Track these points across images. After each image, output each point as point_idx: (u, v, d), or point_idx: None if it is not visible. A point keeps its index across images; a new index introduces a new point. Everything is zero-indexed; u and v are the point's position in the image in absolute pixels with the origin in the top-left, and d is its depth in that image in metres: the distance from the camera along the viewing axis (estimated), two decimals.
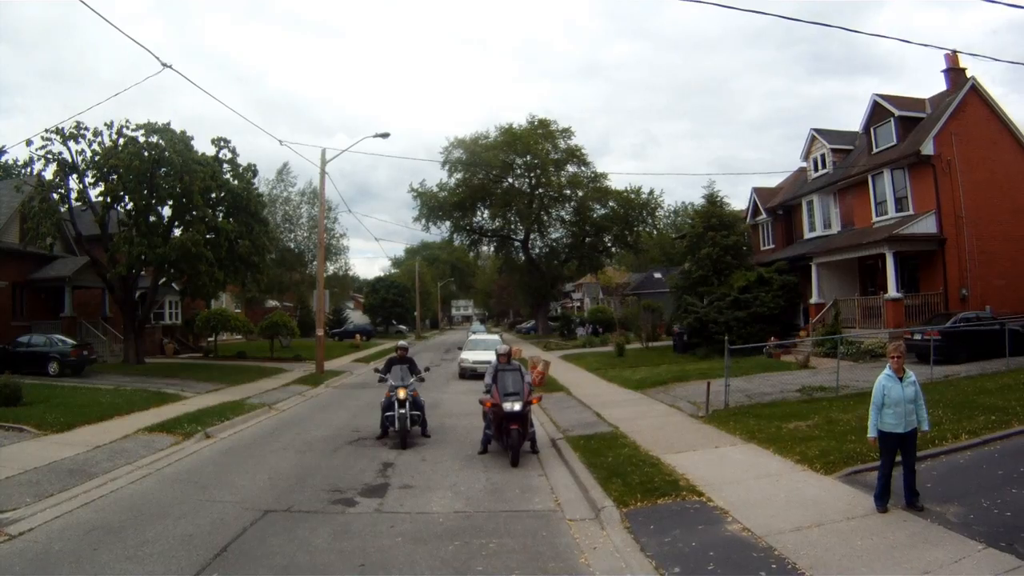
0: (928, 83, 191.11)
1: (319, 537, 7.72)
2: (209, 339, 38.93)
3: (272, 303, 57.59)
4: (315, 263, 58.76)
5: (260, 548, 7.34)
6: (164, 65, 14.40)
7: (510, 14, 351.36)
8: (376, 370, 14.81)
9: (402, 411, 12.72)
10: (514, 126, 56.55)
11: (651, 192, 56.78)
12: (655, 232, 62.23)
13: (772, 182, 44.32)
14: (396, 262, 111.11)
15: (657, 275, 63.34)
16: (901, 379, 7.83)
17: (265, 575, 6.58)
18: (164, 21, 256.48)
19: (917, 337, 21.78)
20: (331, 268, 61.66)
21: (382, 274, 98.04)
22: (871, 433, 7.99)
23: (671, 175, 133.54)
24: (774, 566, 6.37)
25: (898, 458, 7.86)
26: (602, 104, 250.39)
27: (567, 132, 56.98)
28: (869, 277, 29.20)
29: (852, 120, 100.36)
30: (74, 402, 17.50)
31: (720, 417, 13.98)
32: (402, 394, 12.85)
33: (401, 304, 75.62)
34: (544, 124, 56.67)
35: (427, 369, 15.98)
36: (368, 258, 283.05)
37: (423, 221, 59.06)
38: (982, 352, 20.40)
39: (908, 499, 7.79)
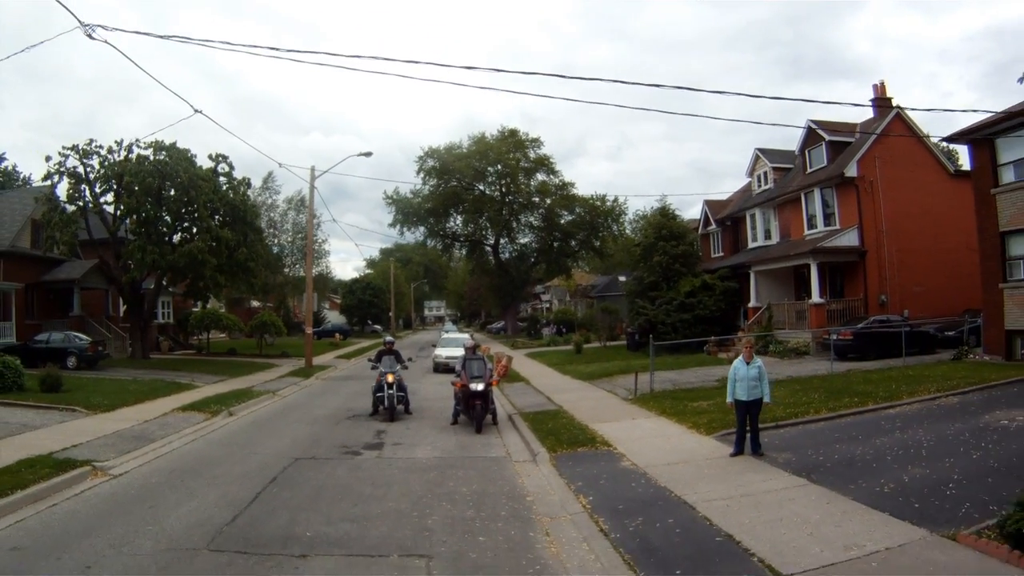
0: (902, 87, 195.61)
1: (339, 471, 11.00)
2: (201, 336, 41.82)
3: (256, 303, 60.45)
4: (296, 265, 62.00)
5: (299, 478, 10.58)
6: (196, 111, 17.51)
7: (486, 16, 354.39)
8: (369, 359, 18.10)
9: (390, 391, 16.06)
10: (486, 135, 59.79)
11: (615, 199, 60.29)
12: (620, 238, 65.54)
13: (740, 184, 47.78)
14: (371, 263, 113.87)
15: (622, 278, 66.50)
16: (748, 364, 11.22)
17: (305, 495, 9.77)
18: (138, 15, 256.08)
19: (834, 337, 25.37)
20: (314, 271, 64.67)
21: (357, 275, 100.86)
22: (728, 399, 11.40)
23: (645, 176, 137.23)
24: (643, 481, 9.78)
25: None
26: (578, 105, 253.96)
27: (536, 142, 60.19)
28: (802, 284, 32.72)
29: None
30: (105, 390, 20.45)
31: (644, 399, 17.45)
32: (391, 378, 16.17)
33: (377, 305, 78.56)
34: (514, 134, 59.80)
35: (410, 359, 19.36)
36: (342, 258, 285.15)
37: (398, 226, 62.27)
38: (889, 350, 23.52)
39: (753, 448, 11.15)
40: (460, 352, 23.35)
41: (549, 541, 7.56)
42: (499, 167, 58.49)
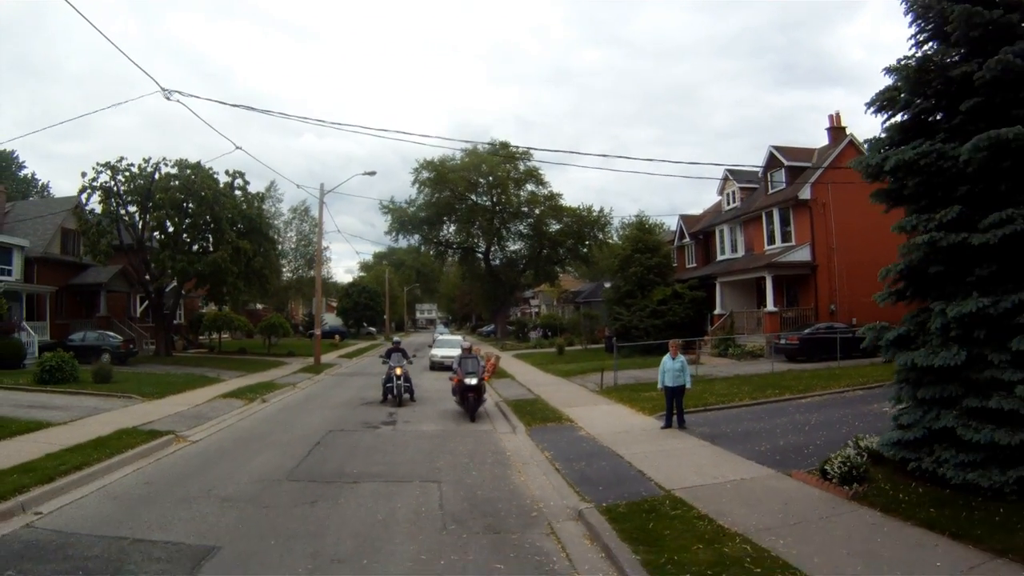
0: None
1: (365, 438, 14.47)
2: (213, 336, 45.19)
3: (260, 306, 63.79)
4: (299, 271, 65.42)
5: (335, 442, 14.01)
6: (236, 147, 20.90)
7: (481, 19, 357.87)
8: (380, 356, 21.49)
9: (399, 382, 19.53)
10: (478, 148, 63.30)
11: (601, 210, 64.01)
12: (605, 246, 68.99)
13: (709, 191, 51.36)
14: (364, 266, 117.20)
15: (607, 285, 70.09)
16: (674, 359, 14.70)
17: (344, 451, 13.18)
18: (137, 16, 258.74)
19: (783, 341, 28.98)
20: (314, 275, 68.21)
21: (350, 276, 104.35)
22: (659, 386, 14.90)
23: (637, 180, 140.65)
24: (591, 443, 13.31)
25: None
26: (571, 109, 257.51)
27: (526, 155, 63.64)
28: (761, 294, 36.35)
29: (815, 131, 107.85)
30: (148, 381, 23.72)
31: (608, 391, 20.96)
32: (399, 371, 19.64)
33: (372, 308, 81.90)
34: (505, 146, 63.19)
35: (415, 355, 22.83)
36: (335, 258, 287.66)
37: (394, 234, 65.87)
38: (832, 353, 26.70)
39: (679, 423, 14.63)
40: (454, 352, 26.99)
41: (520, 475, 11.06)
42: (491, 178, 62.01)
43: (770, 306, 32.06)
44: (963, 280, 8.60)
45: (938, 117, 9.32)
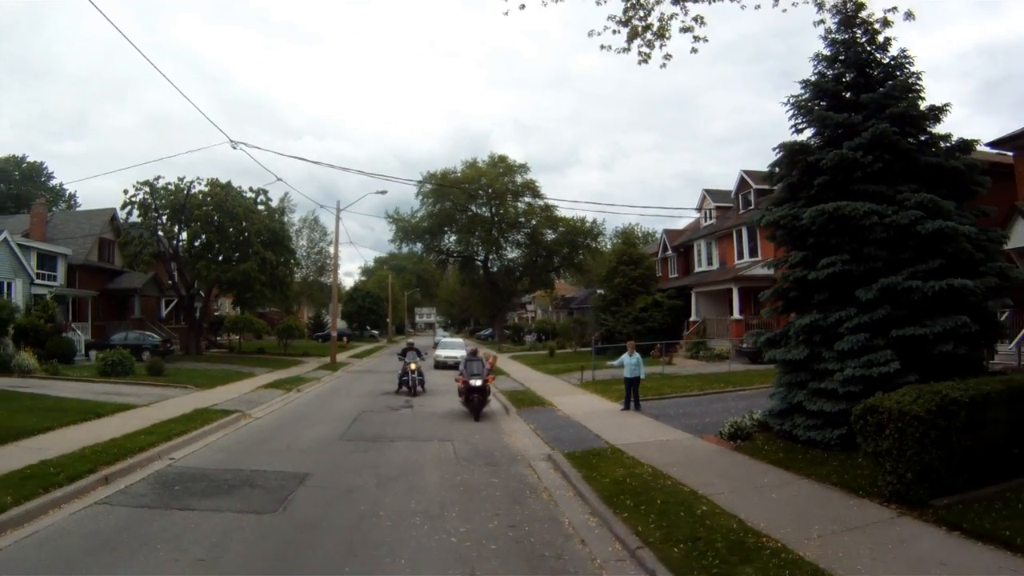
0: None
1: (390, 416, 18.57)
2: (231, 337, 49.26)
3: (273, 309, 67.81)
4: (310, 278, 69.55)
5: (368, 419, 18.05)
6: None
7: (480, 25, 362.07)
8: (397, 354, 25.50)
9: (414, 375, 23.49)
10: (478, 161, 67.58)
11: (594, 221, 68.26)
12: (598, 254, 73.00)
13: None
14: (365, 270, 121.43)
15: (600, 291, 74.20)
16: (632, 355, 18.73)
17: (377, 424, 17.15)
18: (136, 17, 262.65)
19: (744, 345, 33.01)
20: (325, 281, 72.42)
21: (351, 280, 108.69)
22: (623, 376, 18.92)
23: (636, 186, 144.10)
24: (566, 419, 17.37)
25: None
26: (570, 114, 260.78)
27: (523, 167, 68.00)
28: (732, 303, 40.48)
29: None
30: (194, 375, 27.65)
31: (587, 384, 25.07)
32: (413, 366, 23.62)
33: (375, 312, 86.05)
34: (503, 159, 67.60)
35: (426, 353, 26.83)
36: (339, 264, 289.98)
37: (398, 242, 70.12)
38: None
39: (636, 407, 18.63)
40: (456, 352, 31.13)
41: (510, 438, 15.21)
42: (489, 190, 66.13)
43: (736, 314, 36.12)
44: (809, 302, 12.67)
45: (803, 188, 13.35)
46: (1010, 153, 22.71)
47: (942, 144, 12.82)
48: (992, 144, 22.80)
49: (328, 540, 8.00)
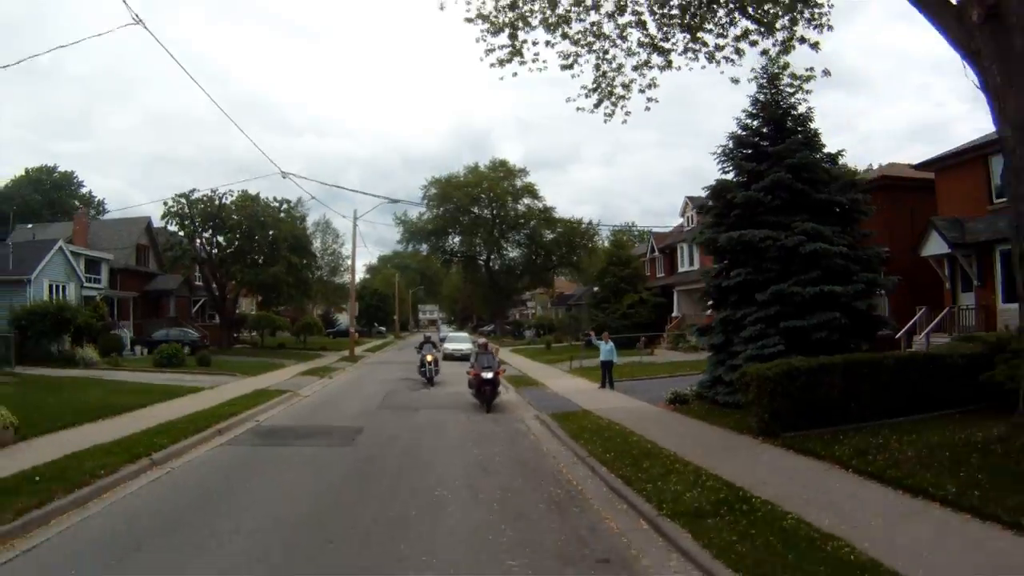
0: (894, 97, 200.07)
1: (413, 395, 23.09)
2: (254, 334, 53.82)
3: (283, 308, 72.47)
4: (323, 277, 74.05)
5: (396, 396, 22.54)
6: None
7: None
8: (415, 346, 29.85)
9: (430, 365, 27.73)
10: (480, 166, 72.17)
11: (591, 221, 72.78)
12: (594, 253, 77.12)
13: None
14: (369, 268, 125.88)
15: (596, 289, 78.32)
16: (606, 343, 23.20)
17: (403, 399, 21.63)
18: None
19: None
20: (337, 281, 77.09)
21: (360, 278, 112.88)
22: (599, 359, 23.39)
23: (636, 182, 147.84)
24: (554, 395, 21.87)
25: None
26: (572, 112, 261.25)
27: (523, 172, 72.53)
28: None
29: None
30: (237, 366, 31.94)
31: (575, 371, 29.63)
32: (429, 357, 27.85)
33: (382, 309, 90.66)
34: (504, 164, 72.24)
35: (440, 341, 31.24)
36: (345, 263, 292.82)
37: (405, 243, 74.78)
38: None
39: (610, 386, 23.04)
40: (463, 346, 35.75)
41: (511, 406, 19.68)
42: (491, 193, 70.59)
43: (710, 311, 40.46)
44: (727, 301, 17.17)
45: (724, 216, 17.80)
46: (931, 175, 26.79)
47: (832, 184, 17.23)
48: (916, 167, 27.06)
49: (389, 460, 12.45)
